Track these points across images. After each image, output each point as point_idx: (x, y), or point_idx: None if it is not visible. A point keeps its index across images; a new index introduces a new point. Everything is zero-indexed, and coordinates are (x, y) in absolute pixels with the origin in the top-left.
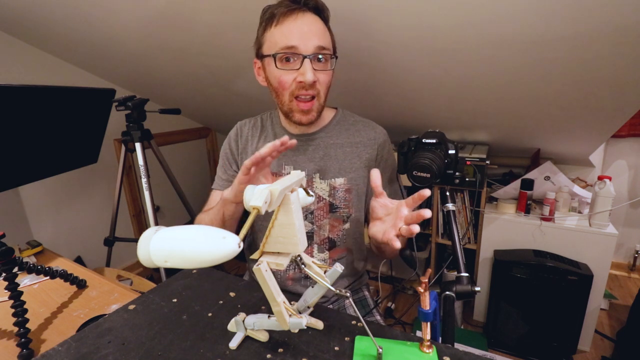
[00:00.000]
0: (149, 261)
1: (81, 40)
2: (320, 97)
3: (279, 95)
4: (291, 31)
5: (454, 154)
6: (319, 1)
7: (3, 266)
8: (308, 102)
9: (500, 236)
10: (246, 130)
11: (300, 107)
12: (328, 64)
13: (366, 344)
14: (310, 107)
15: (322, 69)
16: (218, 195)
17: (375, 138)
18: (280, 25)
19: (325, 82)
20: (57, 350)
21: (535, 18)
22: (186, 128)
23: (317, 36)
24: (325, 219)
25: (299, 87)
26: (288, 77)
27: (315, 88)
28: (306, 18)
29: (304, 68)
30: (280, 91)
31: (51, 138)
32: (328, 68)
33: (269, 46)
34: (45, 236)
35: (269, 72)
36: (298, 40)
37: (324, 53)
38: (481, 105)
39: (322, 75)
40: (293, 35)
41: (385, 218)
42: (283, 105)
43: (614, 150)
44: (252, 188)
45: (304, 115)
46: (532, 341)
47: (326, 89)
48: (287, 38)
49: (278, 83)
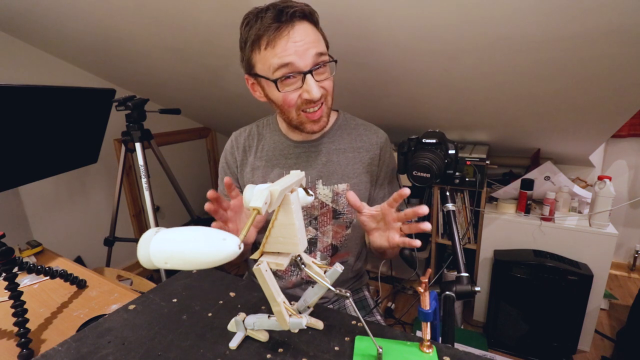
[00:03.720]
0: (149, 262)
1: (81, 40)
2: (327, 101)
3: (285, 112)
4: (284, 50)
5: (454, 154)
6: (305, 8)
7: (3, 266)
8: (317, 112)
9: (500, 236)
10: (242, 141)
11: (310, 118)
12: (328, 70)
13: (366, 344)
14: (320, 114)
15: (325, 78)
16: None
17: (376, 142)
18: (270, 48)
19: (330, 88)
20: (57, 350)
21: (535, 18)
22: (186, 128)
23: (312, 45)
24: (329, 225)
25: (305, 102)
26: (292, 96)
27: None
28: (295, 31)
29: (308, 85)
30: (286, 109)
31: (51, 138)
32: (329, 74)
33: (264, 69)
34: (45, 236)
35: (270, 92)
36: (294, 57)
37: (322, 60)
38: (481, 105)
39: (325, 83)
40: (287, 53)
41: (378, 226)
42: (292, 120)
43: (614, 150)
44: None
45: (315, 124)
46: (532, 341)
47: (331, 93)
48: (281, 58)
49: (282, 102)
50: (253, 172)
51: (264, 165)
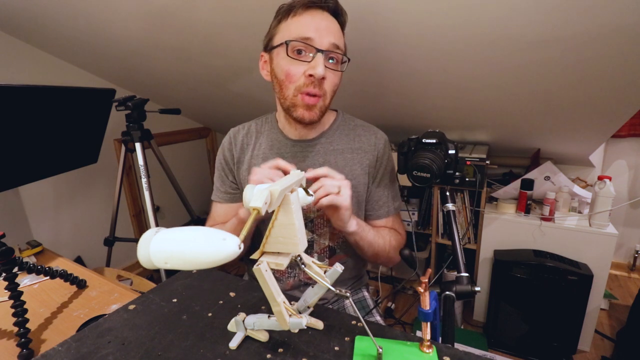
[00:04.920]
0: (149, 263)
1: (81, 40)
2: (325, 97)
3: (284, 88)
4: (308, 23)
5: (454, 154)
6: (339, 5)
7: (3, 266)
8: (313, 98)
9: (500, 236)
10: (240, 138)
11: (305, 102)
12: (339, 65)
13: (366, 344)
14: (315, 102)
15: (333, 69)
16: (221, 209)
17: (375, 143)
18: (297, 17)
19: (333, 82)
20: (57, 350)
21: (534, 18)
22: (186, 128)
23: (333, 34)
24: (325, 228)
25: (306, 83)
26: (297, 69)
27: (322, 88)
28: (324, 17)
29: (316, 61)
30: (286, 84)
31: (51, 138)
32: (339, 69)
33: (282, 36)
34: (45, 236)
35: (276, 63)
36: (314, 32)
37: (337, 52)
38: (481, 105)
39: (331, 74)
40: (310, 27)
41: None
42: (286, 99)
43: (614, 150)
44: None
45: (307, 110)
46: (532, 341)
47: (332, 90)
48: (303, 29)
49: (285, 75)
50: (250, 169)
51: (260, 163)
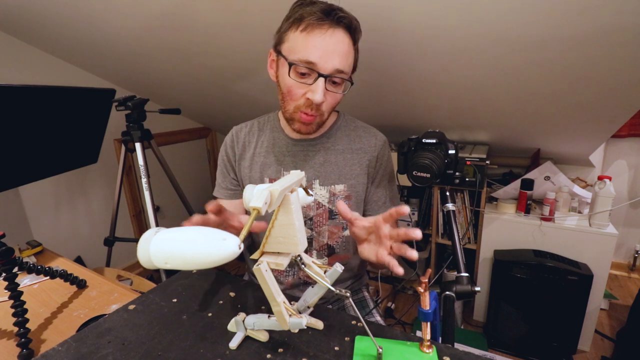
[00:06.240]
0: (149, 263)
1: (81, 40)
2: (323, 115)
3: (285, 101)
4: (315, 46)
5: (454, 154)
6: (353, 21)
7: (3, 266)
8: (310, 117)
9: (500, 236)
10: (242, 136)
11: (302, 119)
12: (341, 88)
13: (366, 344)
14: (312, 120)
15: (334, 91)
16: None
17: (375, 145)
18: (306, 34)
19: (332, 104)
20: (57, 350)
21: (534, 18)
22: (186, 128)
23: (339, 57)
24: (324, 226)
25: (305, 104)
26: (298, 91)
27: (320, 109)
28: (335, 35)
29: (316, 86)
30: (287, 99)
31: (51, 138)
32: (340, 92)
33: (289, 49)
34: (45, 236)
35: (281, 74)
36: (319, 57)
37: (340, 77)
38: (481, 105)
39: (330, 97)
40: (315, 51)
41: (369, 238)
42: (286, 111)
43: (614, 150)
44: (252, 188)
45: (303, 126)
46: (532, 341)
47: (331, 108)
48: (309, 51)
49: (287, 91)
50: (251, 167)
51: (261, 161)
